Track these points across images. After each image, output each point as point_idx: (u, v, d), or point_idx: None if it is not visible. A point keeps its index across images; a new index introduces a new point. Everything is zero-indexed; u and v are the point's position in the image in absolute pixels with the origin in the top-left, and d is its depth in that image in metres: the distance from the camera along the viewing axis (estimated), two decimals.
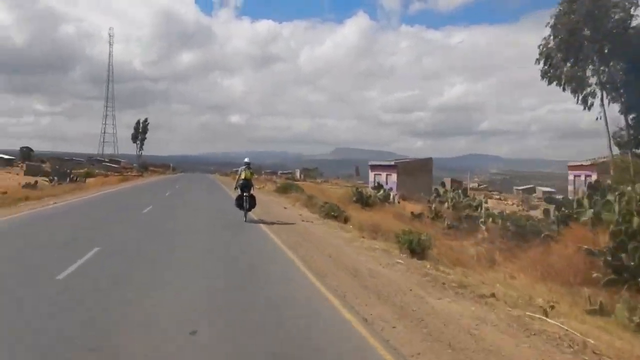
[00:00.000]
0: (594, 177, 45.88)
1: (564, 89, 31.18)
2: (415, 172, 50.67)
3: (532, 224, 16.41)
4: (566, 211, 15.52)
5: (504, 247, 17.83)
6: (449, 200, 23.88)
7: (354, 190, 34.42)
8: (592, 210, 14.57)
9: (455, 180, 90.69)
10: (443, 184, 28.85)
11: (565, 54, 30.09)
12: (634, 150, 29.98)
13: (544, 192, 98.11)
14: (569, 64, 30.48)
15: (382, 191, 34.04)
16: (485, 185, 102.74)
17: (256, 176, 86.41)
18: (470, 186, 66.73)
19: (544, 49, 31.22)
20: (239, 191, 17.44)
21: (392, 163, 50.65)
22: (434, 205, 24.17)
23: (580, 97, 30.92)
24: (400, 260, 11.51)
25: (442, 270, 11.15)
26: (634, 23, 29.29)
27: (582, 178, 47.61)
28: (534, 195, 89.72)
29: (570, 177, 49.88)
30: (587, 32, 29.05)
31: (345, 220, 20.55)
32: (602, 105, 30.52)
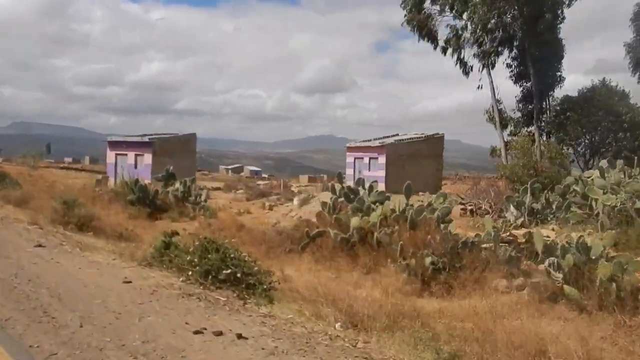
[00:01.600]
0: (382, 159, 40.90)
1: (435, 46, 23.28)
2: (176, 152, 37.40)
3: None
4: None
5: None
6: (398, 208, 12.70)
7: (131, 185, 20.25)
8: None
9: None
10: (341, 176, 17.56)
11: None
12: (525, 128, 23.80)
13: (251, 171, 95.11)
14: (451, 11, 22.55)
15: (178, 185, 20.59)
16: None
17: None
18: None
19: None
20: None
21: (146, 140, 36.09)
22: (353, 221, 12.78)
23: (465, 56, 23.45)
24: None
25: None
26: None
27: (366, 160, 42.19)
28: (242, 174, 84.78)
29: (349, 160, 44.00)
30: None
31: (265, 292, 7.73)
32: (489, 69, 23.55)
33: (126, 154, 36.75)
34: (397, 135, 46.09)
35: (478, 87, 25.44)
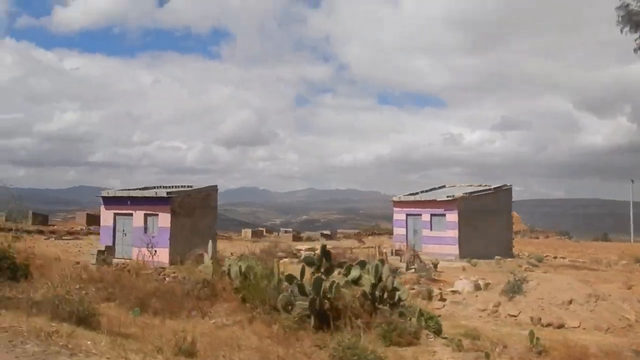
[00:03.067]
0: (452, 216, 33.00)
1: None
2: (196, 210, 27.70)
3: None
4: None
5: None
6: None
7: (285, 274, 11.16)
8: None
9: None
10: None
11: None
12: None
13: None
14: None
15: (365, 274, 11.53)
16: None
17: None
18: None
19: None
20: None
21: (164, 194, 26.08)
22: None
23: None
24: None
25: None
26: None
27: (426, 218, 34.04)
28: None
29: (399, 217, 35.82)
30: None
31: None
32: None
33: (131, 214, 26.54)
34: (444, 187, 38.75)
35: None
